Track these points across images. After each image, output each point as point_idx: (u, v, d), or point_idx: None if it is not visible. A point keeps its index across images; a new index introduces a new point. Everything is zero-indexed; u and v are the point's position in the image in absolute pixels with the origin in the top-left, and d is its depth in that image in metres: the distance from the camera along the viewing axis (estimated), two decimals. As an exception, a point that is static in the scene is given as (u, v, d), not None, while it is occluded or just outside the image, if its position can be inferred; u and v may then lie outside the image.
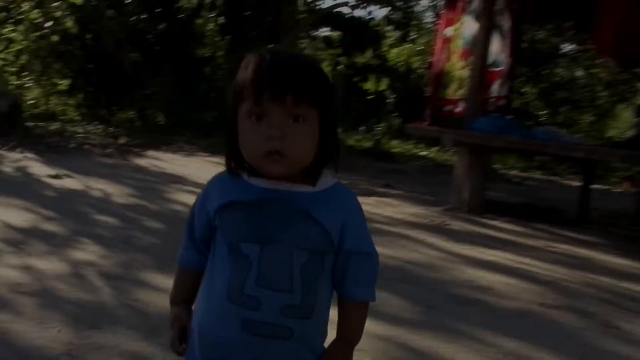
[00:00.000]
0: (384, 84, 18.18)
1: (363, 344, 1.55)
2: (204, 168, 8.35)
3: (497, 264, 4.76)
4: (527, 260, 4.94)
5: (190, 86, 15.33)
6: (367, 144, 16.11)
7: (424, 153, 15.92)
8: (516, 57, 7.53)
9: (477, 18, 6.96)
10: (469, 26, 7.04)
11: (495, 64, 7.16)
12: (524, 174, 13.57)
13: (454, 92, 7.22)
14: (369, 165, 11.59)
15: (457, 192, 6.93)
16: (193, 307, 1.48)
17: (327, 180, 1.39)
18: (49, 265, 3.71)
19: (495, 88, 7.43)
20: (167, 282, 3.49)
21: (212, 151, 10.27)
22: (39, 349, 2.56)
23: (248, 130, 1.30)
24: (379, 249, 1.46)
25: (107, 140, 10.55)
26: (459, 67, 7.13)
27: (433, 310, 3.51)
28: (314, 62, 1.38)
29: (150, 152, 9.62)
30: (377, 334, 2.96)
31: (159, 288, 3.42)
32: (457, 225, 6.14)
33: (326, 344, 1.46)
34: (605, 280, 4.60)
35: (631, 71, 12.25)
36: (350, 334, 1.47)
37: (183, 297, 1.51)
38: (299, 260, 1.34)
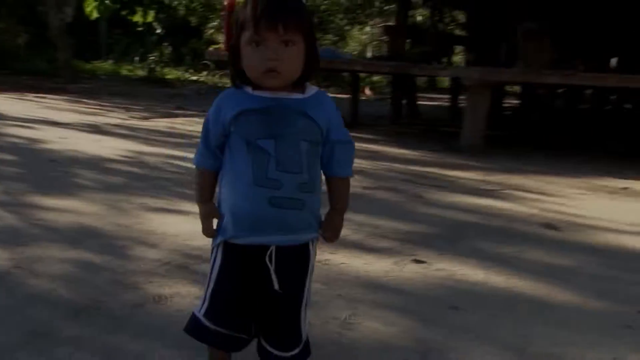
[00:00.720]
0: (151, 16, 17.77)
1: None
2: (7, 104, 8.00)
3: None
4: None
5: None
6: (141, 73, 15.91)
7: (194, 78, 16.13)
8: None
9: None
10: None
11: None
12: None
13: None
14: (148, 92, 11.62)
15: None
16: (215, 200, 1.66)
17: (311, 88, 1.61)
18: None
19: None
20: (55, 202, 3.55)
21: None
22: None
23: (250, 54, 1.49)
24: (190, 165, 1.78)
25: None
26: None
27: None
28: None
29: None
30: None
31: (52, 208, 3.44)
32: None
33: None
34: (398, 165, 5.38)
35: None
36: (340, 203, 1.70)
37: (208, 195, 1.68)
38: (303, 149, 1.55)
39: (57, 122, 6.71)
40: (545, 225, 3.65)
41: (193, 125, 6.95)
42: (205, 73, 17.16)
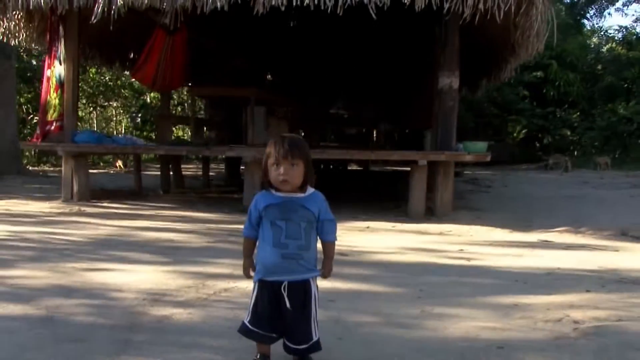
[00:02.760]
0: None
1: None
2: None
3: (161, 227, 6.20)
4: (162, 223, 6.50)
5: None
6: None
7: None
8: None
9: (59, 61, 7.99)
10: (57, 68, 7.98)
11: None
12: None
13: (51, 116, 8.07)
14: None
15: (68, 188, 7.92)
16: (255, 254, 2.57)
17: (309, 190, 2.47)
18: None
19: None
20: (9, 272, 4.15)
21: None
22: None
23: (273, 171, 2.41)
24: (71, 237, 3.39)
25: None
26: (54, 98, 8.01)
27: (173, 255, 4.91)
28: (300, 139, 2.56)
29: None
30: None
31: (16, 277, 3.94)
32: (91, 209, 7.25)
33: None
34: (213, 225, 6.51)
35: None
36: (330, 255, 2.58)
37: (250, 253, 2.57)
38: (302, 226, 2.43)
39: None
40: (339, 254, 5.15)
41: (16, 206, 7.30)
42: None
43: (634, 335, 3.04)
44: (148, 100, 23.14)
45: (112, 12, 6.74)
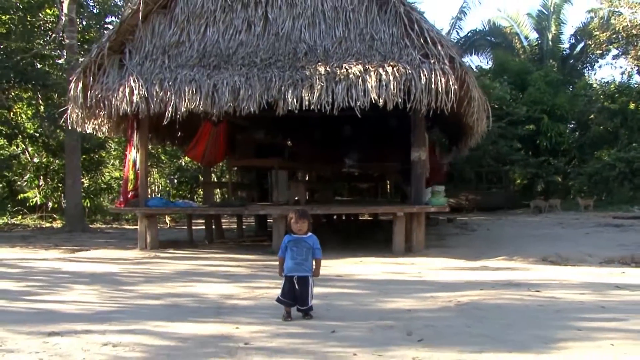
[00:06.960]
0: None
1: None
2: None
3: (218, 264, 8.96)
4: (217, 262, 9.32)
5: None
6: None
7: (17, 222, 18.42)
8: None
9: (135, 147, 11.03)
10: (133, 153, 11.03)
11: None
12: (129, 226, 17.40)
13: (129, 187, 11.07)
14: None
15: (143, 239, 10.81)
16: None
17: (310, 233, 5.30)
18: None
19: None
20: (148, 287, 7.05)
21: None
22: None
23: (293, 224, 5.25)
24: (161, 271, 6.88)
25: None
26: (131, 174, 11.02)
27: (231, 278, 7.72)
28: (306, 210, 5.58)
29: None
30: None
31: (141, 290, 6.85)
32: (163, 254, 10.10)
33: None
34: (254, 262, 9.28)
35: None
36: (318, 265, 5.31)
37: (282, 264, 5.39)
38: (305, 250, 5.21)
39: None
40: (335, 275, 7.92)
41: (110, 254, 10.23)
42: (20, 217, 19.48)
43: (482, 304, 5.79)
44: (183, 163, 26.29)
45: (178, 115, 9.75)
